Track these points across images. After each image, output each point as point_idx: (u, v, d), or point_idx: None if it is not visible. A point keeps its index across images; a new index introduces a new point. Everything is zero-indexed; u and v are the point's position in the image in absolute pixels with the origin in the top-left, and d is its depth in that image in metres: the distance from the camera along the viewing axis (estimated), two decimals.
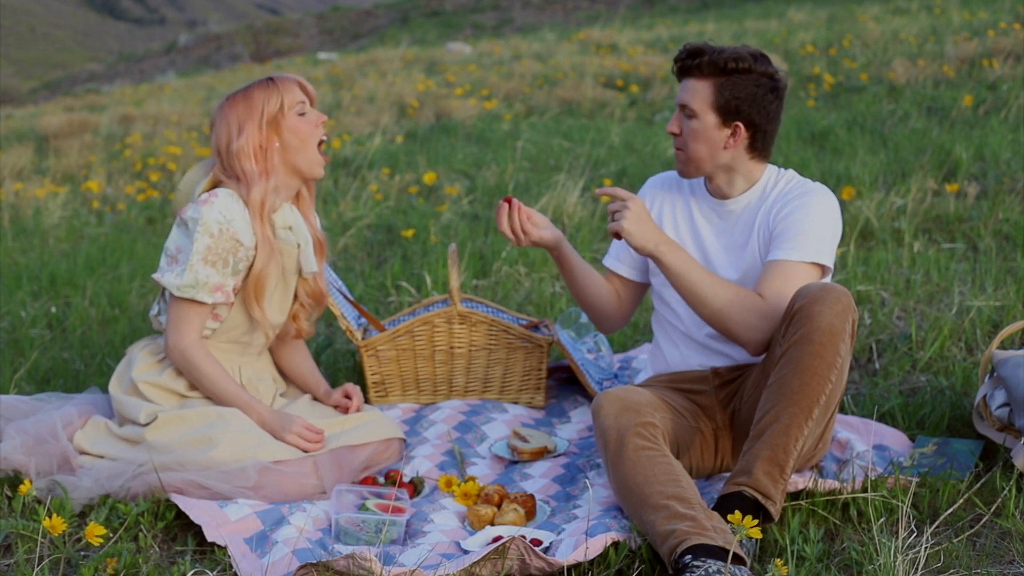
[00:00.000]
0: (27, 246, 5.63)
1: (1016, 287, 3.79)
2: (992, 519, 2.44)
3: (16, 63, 53.87)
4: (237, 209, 2.78)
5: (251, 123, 2.81)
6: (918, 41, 10.05)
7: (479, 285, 4.48)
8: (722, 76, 2.65)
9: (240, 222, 2.78)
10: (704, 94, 2.66)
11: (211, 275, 2.76)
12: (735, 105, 2.65)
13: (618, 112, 8.95)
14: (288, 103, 2.83)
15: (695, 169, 2.75)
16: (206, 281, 2.76)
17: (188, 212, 2.78)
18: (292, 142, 2.84)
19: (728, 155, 2.71)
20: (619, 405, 2.48)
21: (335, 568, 2.24)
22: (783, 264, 2.63)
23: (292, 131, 2.83)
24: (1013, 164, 5.37)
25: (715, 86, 2.65)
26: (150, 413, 2.78)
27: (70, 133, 9.73)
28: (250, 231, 2.80)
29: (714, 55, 2.65)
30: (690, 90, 2.69)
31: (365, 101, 10.66)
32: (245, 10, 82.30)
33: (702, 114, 2.67)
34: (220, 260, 2.76)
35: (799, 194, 2.71)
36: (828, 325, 2.41)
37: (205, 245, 2.74)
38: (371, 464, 2.93)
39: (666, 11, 21.32)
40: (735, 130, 2.68)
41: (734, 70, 2.64)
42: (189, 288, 2.75)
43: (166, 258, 2.81)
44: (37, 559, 2.36)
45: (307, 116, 2.86)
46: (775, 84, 2.67)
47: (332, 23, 29.51)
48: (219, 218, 2.75)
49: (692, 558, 2.13)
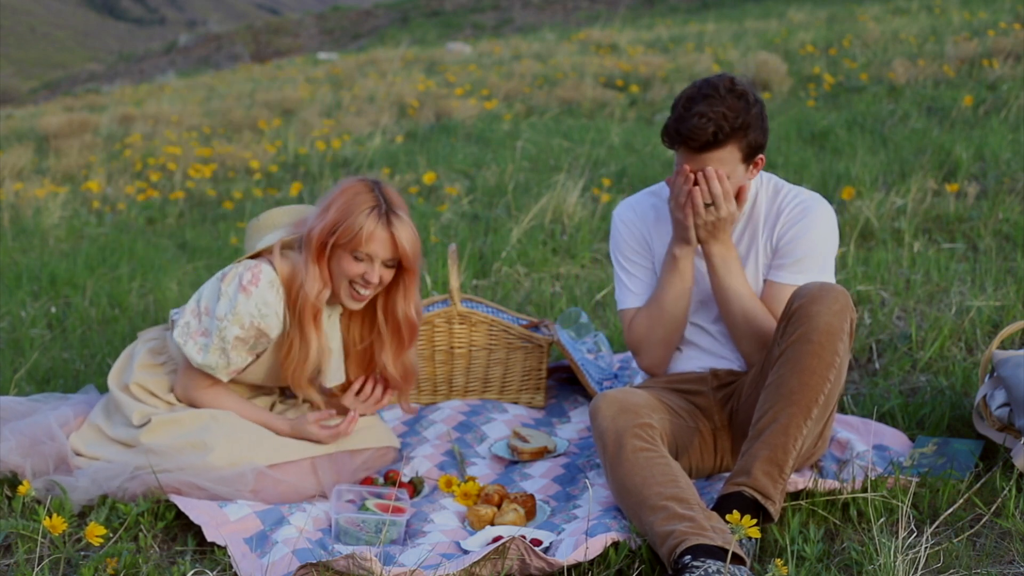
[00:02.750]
0: (27, 246, 5.63)
1: (1016, 287, 3.79)
2: (992, 519, 2.43)
3: (16, 63, 53.86)
4: (272, 302, 2.73)
5: (329, 221, 2.70)
6: (918, 41, 10.05)
7: (479, 285, 4.48)
8: (741, 132, 2.60)
9: (272, 317, 2.74)
10: (732, 157, 2.62)
11: (233, 360, 2.77)
12: (758, 145, 2.64)
13: (618, 112, 8.95)
14: (356, 244, 2.69)
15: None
16: (226, 365, 2.77)
17: (228, 284, 2.73)
18: (334, 270, 2.75)
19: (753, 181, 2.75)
20: (617, 407, 2.48)
21: (335, 568, 2.24)
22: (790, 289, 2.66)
23: (338, 262, 2.73)
24: (1013, 164, 5.37)
25: (739, 145, 2.61)
26: (143, 415, 2.79)
27: (70, 133, 9.73)
28: (280, 324, 2.76)
29: (730, 122, 2.57)
30: (715, 161, 2.61)
31: (365, 101, 10.66)
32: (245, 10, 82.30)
33: (733, 173, 2.64)
34: (243, 349, 2.77)
35: (801, 211, 2.72)
36: (826, 325, 2.41)
37: (234, 335, 2.72)
38: (368, 467, 2.93)
39: (666, 11, 21.31)
40: (758, 162, 2.69)
41: (746, 123, 2.59)
42: (209, 368, 2.77)
43: (194, 319, 2.76)
44: (37, 559, 2.36)
45: (360, 264, 2.72)
46: (759, 98, 2.65)
47: (332, 23, 29.50)
48: (253, 312, 2.72)
49: (691, 558, 2.13)
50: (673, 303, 2.74)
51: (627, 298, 2.86)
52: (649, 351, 2.82)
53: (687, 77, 10.04)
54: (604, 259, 4.74)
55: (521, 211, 5.36)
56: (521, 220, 5.07)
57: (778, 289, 2.70)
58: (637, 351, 2.84)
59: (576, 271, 4.60)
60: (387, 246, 2.70)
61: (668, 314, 2.76)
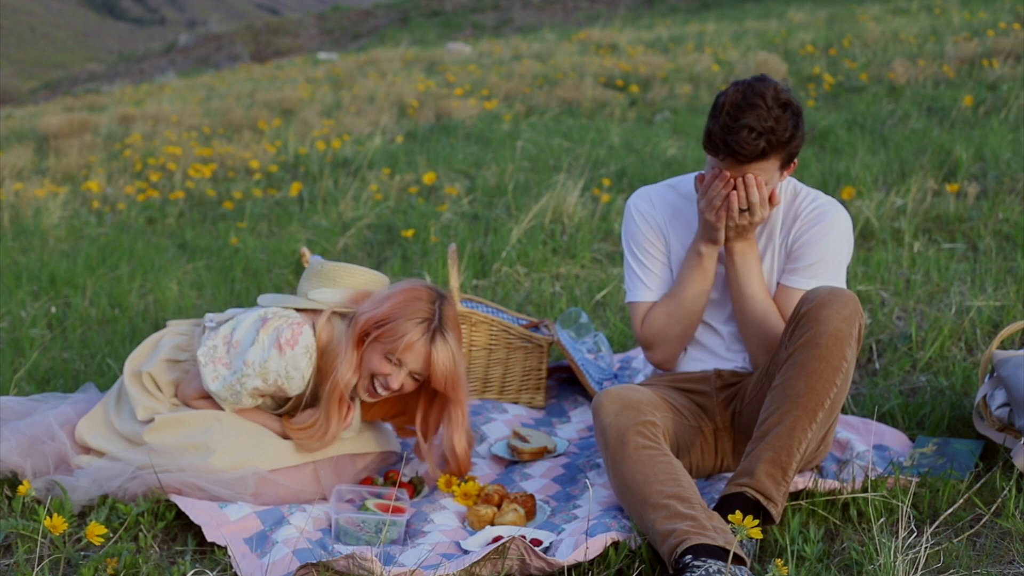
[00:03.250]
0: (27, 246, 5.63)
1: (1016, 287, 3.79)
2: (992, 519, 2.43)
3: (16, 63, 53.87)
4: (302, 368, 2.73)
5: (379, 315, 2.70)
6: (918, 41, 10.05)
7: (479, 285, 4.48)
8: (786, 144, 2.57)
9: (297, 380, 2.75)
10: (773, 166, 2.60)
11: (243, 402, 2.80)
12: (792, 153, 2.61)
13: (618, 112, 8.95)
14: (394, 348, 2.68)
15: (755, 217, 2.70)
16: (234, 403, 2.79)
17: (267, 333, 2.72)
18: (364, 358, 2.74)
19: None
20: (619, 403, 2.48)
21: (335, 568, 2.24)
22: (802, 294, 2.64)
23: (370, 354, 2.72)
24: (1013, 164, 5.37)
25: (781, 155, 2.59)
26: (147, 411, 2.79)
27: (70, 133, 9.73)
28: (302, 387, 2.77)
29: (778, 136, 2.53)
30: (758, 169, 2.58)
31: (365, 101, 10.66)
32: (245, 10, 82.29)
33: (771, 179, 2.62)
34: (258, 395, 2.80)
35: (817, 215, 2.71)
36: (835, 329, 2.41)
37: (254, 386, 2.75)
38: (368, 470, 2.93)
39: (666, 11, 21.32)
40: (791, 165, 2.67)
41: (788, 135, 2.55)
42: (218, 397, 2.79)
43: (223, 346, 2.75)
44: (37, 559, 2.36)
45: (388, 365, 2.71)
46: (801, 109, 2.62)
47: (332, 23, 29.51)
48: (281, 372, 2.72)
49: (692, 558, 2.13)
50: (694, 300, 2.74)
51: (639, 291, 2.84)
52: (664, 346, 2.81)
53: (687, 77, 10.04)
54: (604, 259, 4.74)
55: (521, 211, 5.36)
56: (521, 220, 5.07)
57: (790, 293, 2.70)
58: (651, 346, 2.83)
59: (576, 271, 4.60)
60: (421, 361, 2.71)
61: (687, 310, 2.75)
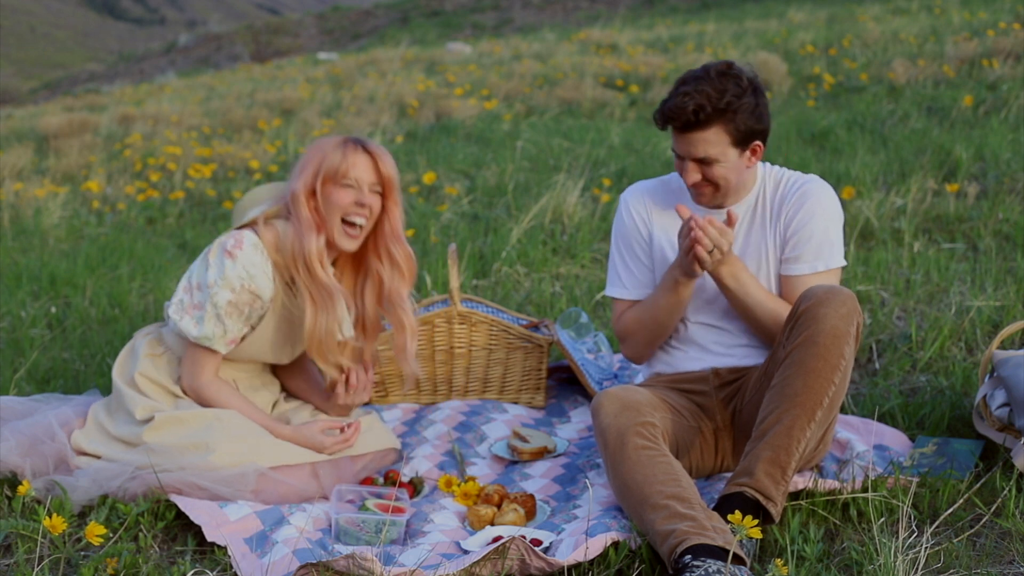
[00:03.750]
0: (27, 246, 5.63)
1: (1016, 287, 3.79)
2: (992, 519, 2.43)
3: (16, 63, 53.88)
4: (259, 263, 2.77)
5: (309, 171, 2.78)
6: (918, 41, 10.05)
7: (479, 285, 4.48)
8: (729, 114, 2.60)
9: (261, 278, 2.78)
10: (719, 139, 2.62)
11: (229, 328, 2.79)
12: (749, 130, 2.63)
13: (618, 112, 8.95)
14: (340, 172, 2.76)
15: (723, 198, 2.73)
16: (224, 335, 2.79)
17: (215, 257, 2.76)
18: (324, 206, 2.78)
19: (751, 171, 2.73)
20: (619, 404, 2.48)
21: (335, 568, 2.24)
22: (809, 279, 2.67)
23: (326, 196, 2.77)
24: (1013, 164, 5.37)
25: (726, 127, 2.61)
26: (146, 410, 2.79)
27: (70, 133, 9.73)
28: (270, 285, 2.79)
29: (712, 102, 2.57)
30: (703, 142, 2.62)
31: (365, 101, 10.66)
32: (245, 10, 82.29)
33: (723, 157, 2.63)
34: (236, 314, 2.78)
35: (801, 196, 2.72)
36: (833, 328, 2.41)
37: (226, 300, 2.75)
38: (369, 469, 2.94)
39: (666, 11, 21.32)
40: (755, 148, 2.68)
41: (732, 105, 2.59)
42: (206, 339, 2.79)
43: (186, 295, 2.80)
44: (37, 559, 2.36)
45: (350, 191, 2.77)
46: (758, 86, 2.67)
47: (332, 23, 29.52)
48: (241, 274, 2.75)
49: (692, 558, 2.13)
50: (666, 316, 2.76)
51: (617, 287, 2.89)
52: (634, 347, 2.86)
53: None
54: (604, 259, 4.74)
55: (521, 211, 5.36)
56: (521, 220, 5.07)
57: (796, 281, 2.70)
58: (622, 340, 2.88)
59: (576, 271, 4.59)
60: (370, 169, 2.79)
61: (659, 324, 2.78)
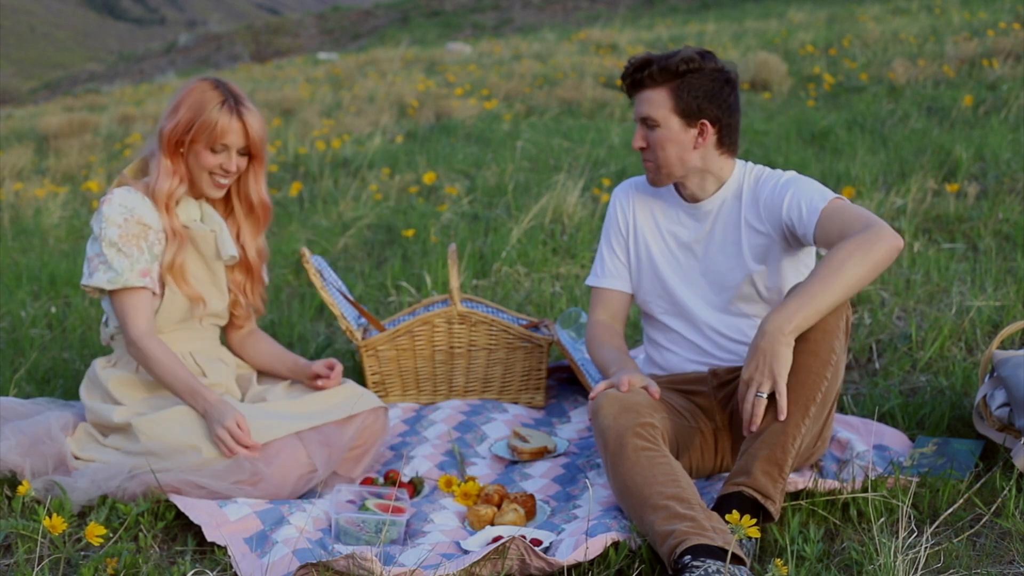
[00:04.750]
0: (27, 246, 5.63)
1: (1016, 287, 3.79)
2: (992, 519, 2.43)
3: (16, 63, 53.88)
4: (135, 198, 2.85)
5: (182, 122, 2.84)
6: (918, 41, 10.05)
7: (479, 285, 4.48)
8: (676, 79, 2.66)
9: (141, 208, 2.84)
10: (662, 101, 2.68)
11: (135, 259, 2.82)
12: (696, 105, 2.67)
13: (618, 112, 8.95)
14: (213, 137, 2.83)
15: (667, 176, 2.75)
16: (131, 266, 2.81)
17: (93, 219, 2.85)
18: (191, 163, 2.88)
19: (698, 155, 2.72)
20: (618, 406, 2.48)
21: (335, 568, 2.24)
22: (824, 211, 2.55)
23: (196, 155, 2.86)
24: (1013, 164, 5.37)
25: (672, 91, 2.67)
26: (123, 414, 2.79)
27: (70, 133, 9.73)
28: (155, 214, 2.86)
29: (663, 61, 2.66)
30: (647, 101, 2.70)
31: (365, 101, 10.66)
32: (245, 10, 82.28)
33: (665, 121, 2.68)
34: (134, 245, 2.82)
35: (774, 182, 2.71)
36: (822, 323, 2.42)
37: (116, 235, 2.80)
38: (361, 442, 2.92)
39: (666, 11, 21.33)
40: (702, 129, 2.69)
41: (686, 71, 2.65)
42: (119, 278, 2.80)
43: (88, 266, 2.86)
44: (37, 559, 2.36)
45: (217, 156, 2.86)
46: (727, 76, 2.70)
47: (332, 23, 29.53)
48: (120, 209, 2.82)
49: (692, 558, 2.13)
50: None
51: (597, 275, 2.97)
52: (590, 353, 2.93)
53: None
54: None
55: (521, 211, 5.36)
56: (521, 220, 5.07)
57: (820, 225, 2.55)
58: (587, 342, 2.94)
59: (576, 271, 4.60)
60: (240, 136, 2.86)
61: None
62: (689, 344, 2.85)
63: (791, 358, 2.40)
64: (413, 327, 3.34)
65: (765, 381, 2.39)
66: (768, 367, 2.38)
